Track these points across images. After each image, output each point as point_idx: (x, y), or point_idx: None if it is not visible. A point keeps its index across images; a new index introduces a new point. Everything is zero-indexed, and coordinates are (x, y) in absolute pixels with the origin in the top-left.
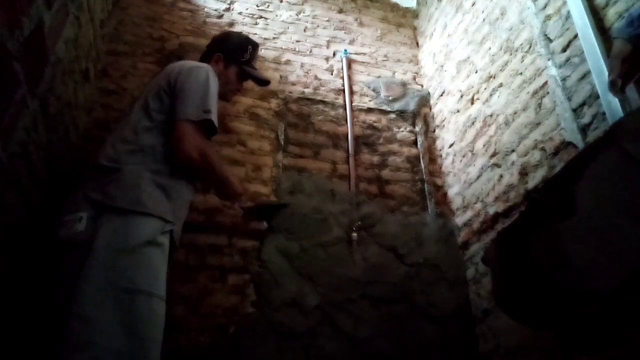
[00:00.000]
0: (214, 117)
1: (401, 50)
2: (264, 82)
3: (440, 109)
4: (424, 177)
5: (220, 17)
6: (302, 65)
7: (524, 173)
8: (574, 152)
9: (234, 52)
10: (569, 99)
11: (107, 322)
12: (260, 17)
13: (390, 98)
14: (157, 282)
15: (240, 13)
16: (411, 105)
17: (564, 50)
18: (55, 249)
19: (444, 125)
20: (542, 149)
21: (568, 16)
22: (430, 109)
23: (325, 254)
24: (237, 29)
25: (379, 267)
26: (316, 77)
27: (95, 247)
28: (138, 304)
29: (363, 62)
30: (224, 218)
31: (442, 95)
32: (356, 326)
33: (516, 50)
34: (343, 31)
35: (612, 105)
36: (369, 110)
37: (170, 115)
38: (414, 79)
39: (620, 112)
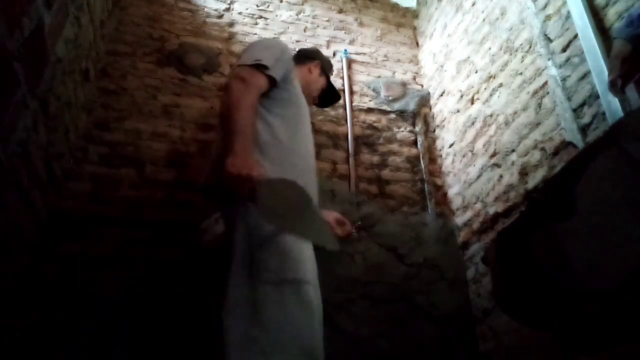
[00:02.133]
0: (269, 65)
1: (401, 50)
2: (337, 99)
3: (440, 109)
4: (424, 177)
5: (220, 17)
6: None
7: (524, 173)
8: (574, 152)
9: (328, 67)
10: (569, 99)
11: (267, 316)
12: (260, 17)
13: (390, 98)
14: (302, 267)
15: (240, 13)
16: (411, 105)
17: (564, 50)
18: (200, 255)
19: (444, 125)
20: (542, 149)
21: (568, 16)
22: (430, 109)
23: (325, 254)
24: (237, 29)
25: (379, 267)
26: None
27: (237, 247)
28: (289, 294)
29: (363, 62)
30: None
31: (442, 95)
32: (356, 326)
33: (516, 50)
34: (343, 31)
35: (612, 105)
36: (369, 110)
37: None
38: (414, 79)
39: (620, 112)
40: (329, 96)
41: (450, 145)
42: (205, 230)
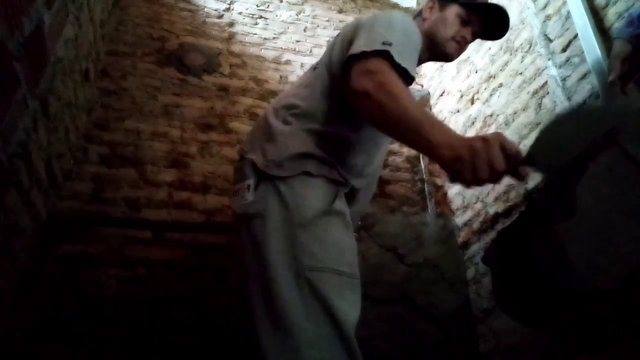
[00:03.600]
0: (401, 57)
1: None
2: (497, 19)
3: (440, 109)
4: (424, 177)
5: (221, 17)
6: (302, 66)
7: None
8: None
9: None
10: (569, 99)
11: (307, 304)
12: (260, 17)
13: None
14: (343, 258)
15: (240, 13)
16: None
17: (564, 50)
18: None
19: None
20: None
21: (568, 16)
22: (430, 109)
23: None
24: (237, 29)
25: (379, 267)
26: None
27: (270, 221)
28: (328, 284)
29: None
30: (224, 218)
31: (442, 95)
32: (356, 326)
33: (516, 50)
34: None
35: None
36: None
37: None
38: None
39: None
40: (488, 26)
41: None
42: (236, 195)
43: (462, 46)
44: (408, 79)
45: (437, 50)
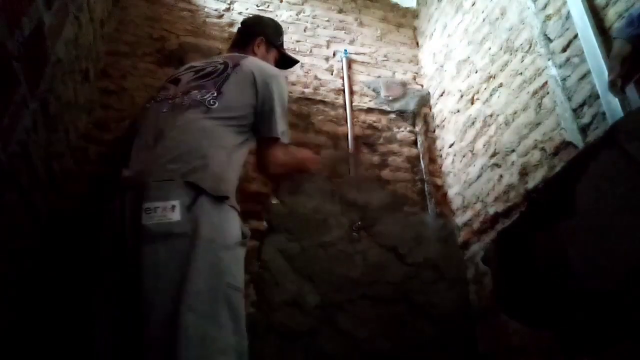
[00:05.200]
0: (287, 137)
1: (401, 50)
2: (295, 63)
3: (440, 109)
4: (424, 177)
5: (220, 17)
6: (302, 65)
7: (524, 173)
8: (574, 152)
9: (274, 36)
10: (569, 99)
11: (224, 316)
12: None
13: (390, 98)
14: (243, 280)
15: (240, 13)
16: (411, 105)
17: (564, 50)
18: (132, 237)
19: (444, 125)
20: (542, 149)
21: (568, 16)
22: (430, 109)
23: (325, 254)
24: (237, 29)
25: (379, 267)
26: (316, 77)
27: (200, 240)
28: (237, 300)
29: (363, 62)
30: None
31: (442, 95)
32: (356, 326)
33: (516, 50)
34: (343, 31)
35: (612, 105)
36: (369, 110)
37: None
38: (414, 79)
39: (620, 112)
40: (285, 63)
41: (450, 145)
42: (150, 213)
43: None
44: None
45: None
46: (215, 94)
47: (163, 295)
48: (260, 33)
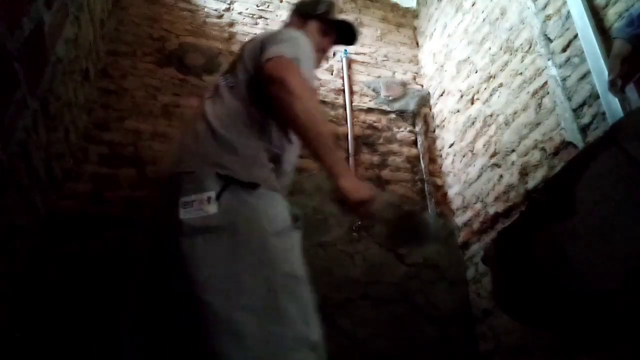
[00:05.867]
0: (306, 71)
1: (401, 50)
2: (349, 30)
3: (440, 109)
4: (424, 177)
5: (220, 17)
6: None
7: (524, 173)
8: (574, 152)
9: (309, 6)
10: (569, 99)
11: (288, 309)
12: (260, 17)
13: (390, 98)
14: (304, 268)
15: (240, 13)
16: (411, 105)
17: (564, 50)
18: (165, 233)
19: (444, 125)
20: (542, 149)
21: (568, 16)
22: (430, 109)
23: (325, 254)
24: (237, 29)
25: (379, 267)
26: (316, 77)
27: (243, 232)
28: (300, 289)
29: (363, 62)
30: None
31: (442, 95)
32: (356, 326)
33: (516, 50)
34: None
35: (612, 105)
36: (369, 110)
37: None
38: (414, 79)
39: (620, 112)
40: (342, 37)
41: (450, 145)
42: (187, 207)
43: (323, 55)
44: None
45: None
46: (232, 76)
47: (215, 301)
48: (295, 10)
